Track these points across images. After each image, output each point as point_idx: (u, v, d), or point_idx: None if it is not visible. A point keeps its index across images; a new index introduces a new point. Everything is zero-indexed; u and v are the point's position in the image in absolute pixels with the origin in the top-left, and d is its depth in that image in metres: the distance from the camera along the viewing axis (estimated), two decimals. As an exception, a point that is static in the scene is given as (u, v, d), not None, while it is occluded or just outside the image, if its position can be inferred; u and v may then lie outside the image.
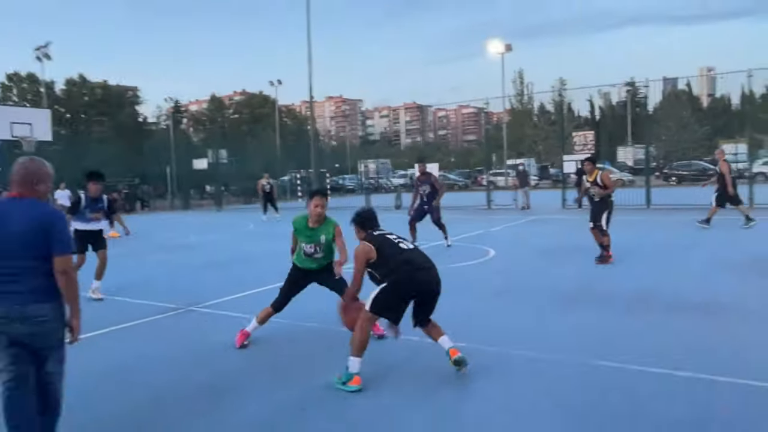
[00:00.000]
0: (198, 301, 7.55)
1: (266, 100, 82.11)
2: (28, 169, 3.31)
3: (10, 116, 20.19)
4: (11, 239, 3.14)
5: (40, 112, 25.59)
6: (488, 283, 8.06)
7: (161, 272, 10.53)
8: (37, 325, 3.14)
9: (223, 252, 13.21)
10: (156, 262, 11.90)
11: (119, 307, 7.54)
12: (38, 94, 61.86)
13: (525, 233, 14.36)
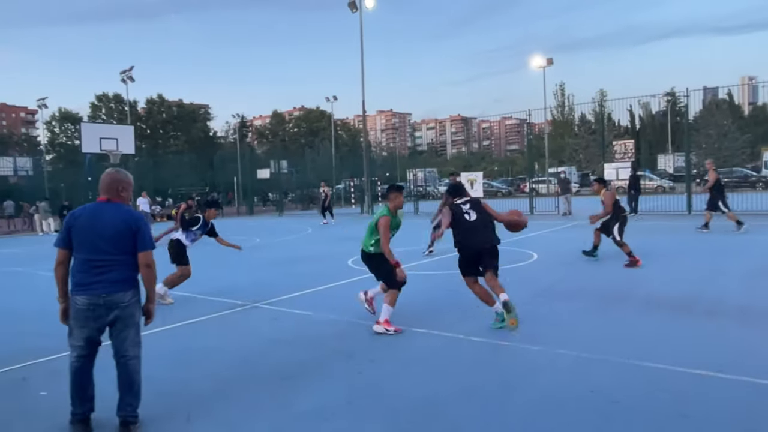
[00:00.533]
0: (262, 298, 7.67)
1: (323, 115, 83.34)
2: (114, 178, 3.70)
3: (99, 133, 21.29)
4: (103, 237, 3.54)
5: (125, 128, 26.81)
6: (532, 285, 7.87)
7: (229, 271, 10.77)
8: (121, 309, 3.54)
9: (284, 253, 13.42)
10: (224, 262, 12.18)
11: (190, 303, 7.74)
12: (123, 112, 64.79)
13: (567, 238, 13.98)
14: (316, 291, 8.16)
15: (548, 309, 6.51)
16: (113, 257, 3.52)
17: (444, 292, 7.62)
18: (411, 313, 6.51)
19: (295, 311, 6.83)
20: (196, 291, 8.46)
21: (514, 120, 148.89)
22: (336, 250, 13.31)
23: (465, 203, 5.96)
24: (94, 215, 3.60)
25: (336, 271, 9.96)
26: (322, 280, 9.00)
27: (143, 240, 3.60)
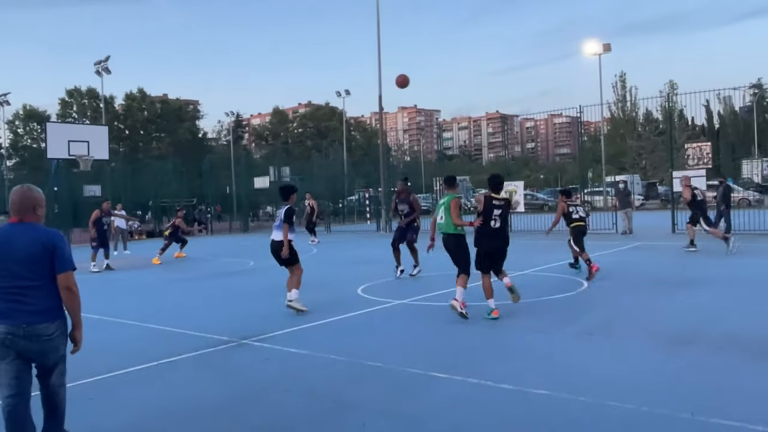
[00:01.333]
0: (252, 333, 7.70)
1: (333, 113, 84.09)
2: (27, 196, 3.98)
3: (68, 134, 21.73)
4: (17, 261, 3.79)
5: (98, 129, 27.34)
6: (580, 321, 7.78)
7: (215, 301, 10.85)
8: (44, 342, 3.81)
9: (282, 279, 13.42)
10: (210, 289, 12.29)
11: (165, 337, 7.80)
12: (98, 110, 66.16)
13: (626, 262, 13.83)
14: (318, 325, 8.18)
15: (598, 350, 6.42)
16: (31, 283, 3.77)
17: (467, 328, 7.58)
18: (428, 352, 6.48)
19: (290, 350, 6.84)
20: (173, 324, 8.53)
21: (564, 118, 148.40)
22: (343, 276, 13.33)
23: (499, 207, 8.23)
24: (5, 239, 3.84)
25: (342, 301, 9.97)
26: (325, 311, 9.01)
27: (62, 260, 3.85)
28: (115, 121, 69.80)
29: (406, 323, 8.16)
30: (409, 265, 12.68)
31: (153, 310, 10.23)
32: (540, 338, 6.97)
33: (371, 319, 8.49)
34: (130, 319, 9.14)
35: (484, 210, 8.18)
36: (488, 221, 8.20)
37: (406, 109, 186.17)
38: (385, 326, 8.05)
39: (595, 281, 10.77)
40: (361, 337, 7.47)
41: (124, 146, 72.12)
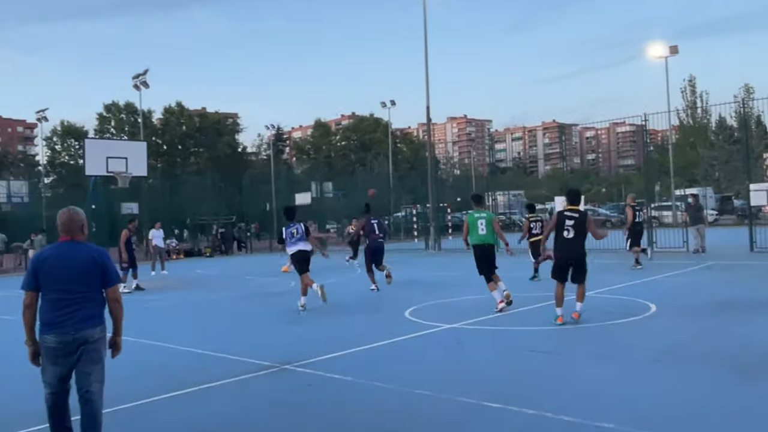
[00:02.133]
0: (294, 358, 7.80)
1: (378, 124, 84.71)
2: (73, 218, 4.77)
3: (105, 150, 22.41)
4: (72, 275, 4.57)
5: (136, 144, 28.19)
6: (647, 347, 7.63)
7: (254, 323, 11.02)
8: (87, 344, 4.55)
9: (321, 302, 13.59)
10: (250, 310, 12.49)
11: (204, 362, 7.95)
12: (135, 124, 68.33)
13: (698, 283, 13.49)
14: (363, 350, 8.22)
15: (666, 379, 6.28)
16: (81, 295, 4.56)
17: (523, 354, 7.50)
18: (481, 379, 6.45)
19: (334, 376, 6.90)
20: (212, 347, 8.70)
21: (628, 127, 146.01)
22: (390, 298, 13.36)
23: (571, 219, 9.12)
24: (61, 255, 4.63)
25: (389, 324, 9.99)
26: (371, 336, 9.04)
27: (110, 275, 4.72)
28: (153, 136, 71.77)
29: (456, 348, 8.13)
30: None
31: (190, 332, 10.44)
32: (603, 365, 6.86)
33: (420, 344, 8.48)
34: (167, 341, 9.37)
35: (557, 222, 9.21)
36: (561, 232, 9.13)
37: (456, 120, 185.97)
38: (435, 352, 8.03)
39: (665, 304, 10.55)
40: (408, 363, 7.47)
41: (161, 162, 74.10)
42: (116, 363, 7.94)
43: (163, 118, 76.24)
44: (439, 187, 31.71)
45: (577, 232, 9.12)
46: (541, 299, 11.55)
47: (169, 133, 74.17)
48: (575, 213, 9.23)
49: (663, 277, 14.73)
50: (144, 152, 24.21)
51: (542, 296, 11.85)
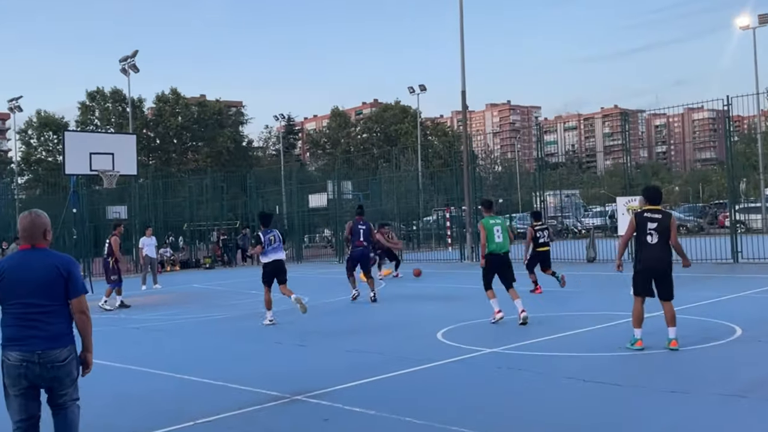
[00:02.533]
0: (308, 387, 7.78)
1: (405, 113, 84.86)
2: (36, 222, 4.88)
3: (89, 145, 22.70)
4: (33, 287, 4.72)
5: (125, 138, 28.63)
6: (730, 380, 7.50)
7: (261, 347, 11.03)
8: (57, 368, 4.72)
9: (344, 319, 13.59)
10: (255, 331, 12.51)
11: (203, 391, 7.97)
12: (124, 115, 69.30)
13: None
14: (388, 379, 8.18)
15: (753, 418, 6.16)
16: (45, 308, 4.72)
17: (577, 385, 7.41)
18: (528, 416, 6.38)
19: (355, 409, 6.87)
20: (212, 375, 8.72)
21: (707, 113, 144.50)
22: (420, 316, 13.31)
23: (654, 220, 8.94)
24: (22, 265, 4.79)
25: (418, 347, 9.95)
26: (397, 361, 9.00)
27: (76, 285, 4.84)
28: (144, 129, 72.75)
29: (498, 377, 8.06)
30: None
31: (187, 357, 10.49)
32: (675, 401, 6.74)
33: (456, 372, 8.42)
34: (160, 368, 9.41)
35: (637, 225, 9.06)
36: (642, 237, 9.01)
37: (497, 107, 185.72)
38: (473, 381, 7.97)
39: (753, 326, 10.37)
40: (442, 394, 7.41)
41: (154, 158, 75.00)
42: (97, 394, 8.03)
43: (156, 107, 77.13)
44: (477, 186, 31.53)
45: (662, 237, 8.95)
46: (590, 321, 11.43)
47: (163, 125, 75.03)
48: (657, 214, 9.05)
49: (751, 293, 14.50)
50: (133, 147, 24.50)
51: (590, 317, 11.74)
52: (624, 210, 23.02)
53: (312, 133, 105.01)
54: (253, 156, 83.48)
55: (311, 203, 37.48)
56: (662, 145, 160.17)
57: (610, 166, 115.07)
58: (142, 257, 23.35)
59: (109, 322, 14.70)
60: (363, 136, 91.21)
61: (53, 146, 71.95)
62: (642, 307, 9.07)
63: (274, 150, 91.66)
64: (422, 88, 62.47)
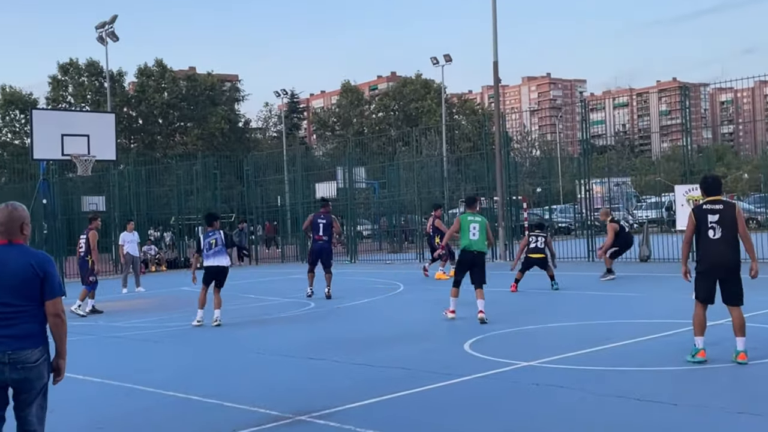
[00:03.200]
0: (313, 407, 7.80)
1: (427, 88, 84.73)
2: (13, 216, 5.13)
3: (61, 125, 22.74)
4: (7, 285, 4.96)
5: (102, 118, 28.70)
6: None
7: (259, 359, 11.06)
8: (28, 369, 4.96)
9: (355, 327, 13.59)
10: (254, 341, 12.54)
11: (195, 411, 8.01)
12: (101, 90, 69.61)
13: None
14: (407, 396, 8.18)
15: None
16: (19, 308, 4.98)
17: (628, 403, 7.39)
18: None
19: (362, 431, 6.89)
20: (205, 392, 8.75)
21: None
22: (445, 324, 13.30)
23: (714, 212, 8.99)
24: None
25: (444, 360, 9.96)
26: (419, 376, 9.01)
27: (52, 286, 5.07)
28: (124, 107, 73.05)
29: (535, 396, 8.04)
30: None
31: (175, 370, 10.54)
32: (744, 424, 6.70)
33: (485, 388, 8.42)
34: (144, 383, 9.46)
35: (697, 221, 9.10)
36: (704, 233, 9.03)
37: (535, 81, 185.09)
38: (505, 400, 7.96)
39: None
40: (469, 415, 7.41)
41: (136, 141, 75.32)
42: (71, 414, 8.09)
43: (138, 81, 77.37)
44: (512, 173, 31.41)
45: (726, 230, 8.93)
46: (643, 330, 11.40)
47: (146, 103, 75.25)
48: (718, 204, 9.07)
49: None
50: (112, 128, 24.57)
51: (643, 325, 11.70)
52: (683, 201, 22.91)
53: (319, 112, 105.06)
54: (250, 138, 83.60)
55: (318, 193, 37.46)
56: (729, 125, 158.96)
57: (667, 149, 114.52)
58: (122, 255, 23.44)
59: (85, 330, 14.79)
60: (378, 116, 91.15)
61: (20, 127, 72.39)
62: (704, 313, 9.07)
63: (275, 131, 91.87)
64: (447, 58, 62.25)
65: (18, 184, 41.28)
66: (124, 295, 22.11)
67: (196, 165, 39.14)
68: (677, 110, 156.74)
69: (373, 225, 45.27)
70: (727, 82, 28.77)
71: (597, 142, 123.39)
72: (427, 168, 40.19)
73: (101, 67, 68.28)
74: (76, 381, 9.96)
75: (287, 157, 51.51)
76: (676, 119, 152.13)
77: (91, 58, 73.73)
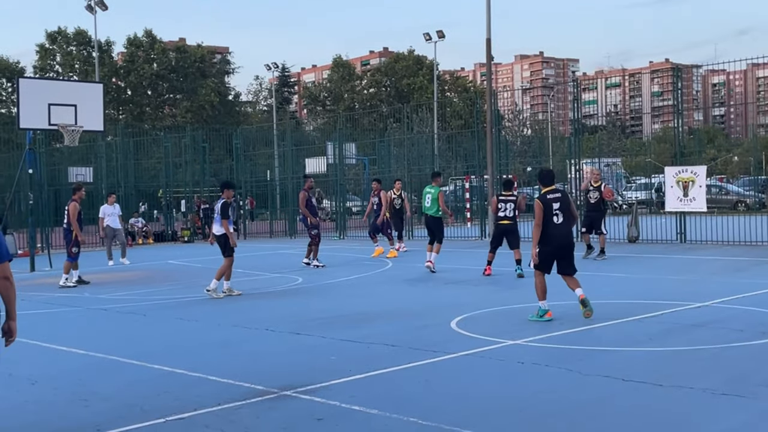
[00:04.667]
0: (300, 381, 7.81)
1: (419, 65, 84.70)
2: None
3: (48, 94, 22.61)
4: None
5: (90, 87, 28.47)
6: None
7: (245, 333, 11.07)
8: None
9: (343, 304, 13.60)
10: (239, 315, 12.55)
11: (176, 383, 8.02)
12: (89, 60, 69.29)
13: None
14: (394, 372, 8.22)
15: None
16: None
17: (611, 383, 7.42)
18: (555, 420, 6.39)
19: (353, 407, 6.90)
20: (187, 365, 8.76)
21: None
22: (432, 302, 13.34)
23: (556, 201, 10.71)
24: None
25: (430, 338, 9.98)
26: (406, 353, 9.04)
27: (0, 251, 5.25)
28: (113, 77, 72.71)
29: (521, 374, 8.08)
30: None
31: (160, 343, 10.55)
32: (729, 405, 6.74)
33: (470, 366, 8.44)
34: (129, 356, 9.46)
35: (545, 208, 10.79)
36: (550, 218, 10.78)
37: (527, 59, 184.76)
38: (490, 378, 7.99)
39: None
40: (455, 391, 7.43)
41: (124, 112, 75.02)
42: (56, 384, 8.09)
43: (127, 52, 77.00)
44: (503, 152, 31.44)
45: (565, 215, 10.81)
46: (630, 310, 11.44)
47: (135, 73, 74.87)
48: (557, 193, 10.96)
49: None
50: (100, 98, 24.43)
51: (630, 305, 11.75)
52: (673, 182, 22.92)
53: (310, 87, 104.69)
54: (240, 112, 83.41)
55: (308, 168, 37.41)
56: (720, 107, 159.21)
57: (658, 130, 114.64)
58: (102, 228, 23.31)
59: (70, 302, 14.79)
60: (370, 91, 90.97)
61: (6, 96, 72.09)
62: (545, 281, 10.86)
63: (265, 105, 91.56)
64: (440, 35, 62.08)
65: (4, 153, 40.97)
66: (110, 267, 22.06)
67: (185, 138, 38.96)
68: (669, 91, 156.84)
69: (362, 201, 45.26)
70: (719, 64, 28.82)
71: (588, 122, 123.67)
72: (417, 145, 40.08)
73: (90, 36, 67.96)
74: (61, 353, 9.97)
75: (277, 131, 51.38)
76: (667, 100, 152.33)
77: (79, 27, 73.35)
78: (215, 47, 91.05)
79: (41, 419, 6.99)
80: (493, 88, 33.54)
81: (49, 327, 12.19)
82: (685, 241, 23.33)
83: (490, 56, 31.43)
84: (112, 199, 23.63)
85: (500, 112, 37.68)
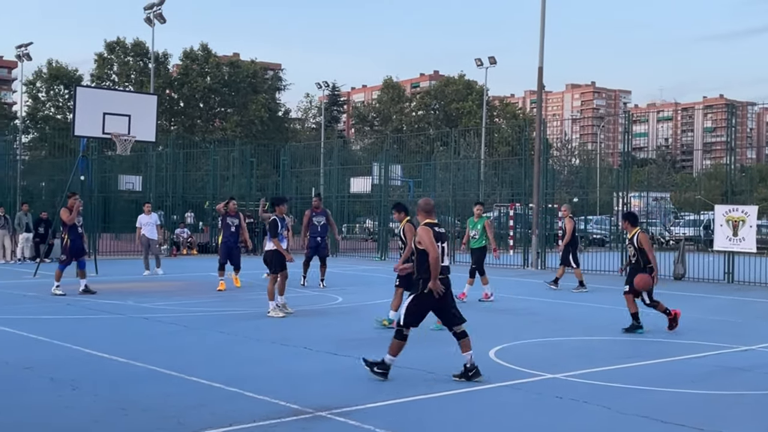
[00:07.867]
0: (335, 402, 7.81)
1: (469, 89, 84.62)
2: None
3: (104, 103, 22.98)
4: None
5: (144, 99, 28.89)
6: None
7: (284, 351, 11.10)
8: None
9: (380, 327, 13.58)
10: (277, 332, 12.57)
11: (214, 398, 8.06)
12: (145, 71, 70.28)
13: None
14: (430, 400, 8.20)
15: None
16: None
17: (652, 425, 7.30)
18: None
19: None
20: (228, 380, 8.79)
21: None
22: (469, 329, 13.25)
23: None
24: None
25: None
26: (442, 380, 9.01)
27: None
28: (167, 89, 73.66)
29: (557, 409, 7.99)
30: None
31: (198, 356, 10.61)
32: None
33: (507, 398, 8.38)
34: (166, 366, 9.53)
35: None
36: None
37: (579, 89, 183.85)
38: (526, 411, 7.93)
39: None
40: (489, 423, 7.39)
41: (176, 123, 75.96)
42: (96, 391, 8.17)
43: (182, 64, 78.01)
44: (549, 180, 31.23)
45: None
46: (674, 349, 11.28)
47: (189, 86, 75.84)
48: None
49: None
50: (154, 109, 24.76)
51: (674, 345, 11.59)
52: (723, 221, 22.60)
53: (359, 106, 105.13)
54: (289, 128, 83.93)
55: (353, 188, 37.48)
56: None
57: (709, 166, 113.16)
58: (138, 237, 23.44)
59: (114, 309, 14.93)
60: (418, 114, 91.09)
61: (63, 102, 73.30)
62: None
63: (314, 123, 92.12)
64: (492, 61, 61.98)
65: (58, 158, 41.71)
66: (146, 276, 22.25)
67: (233, 151, 39.33)
68: (722, 128, 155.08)
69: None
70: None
71: (638, 155, 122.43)
72: (463, 170, 40.03)
73: (147, 47, 69.08)
74: (103, 360, 10.07)
75: (324, 149, 51.58)
76: (720, 137, 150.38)
77: (137, 38, 74.69)
78: (268, 63, 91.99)
79: (79, 425, 7.07)
80: (543, 116, 33.41)
81: (92, 333, 12.31)
82: (732, 281, 22.94)
83: (542, 84, 31.36)
84: (147, 209, 23.53)
85: (549, 140, 37.50)
